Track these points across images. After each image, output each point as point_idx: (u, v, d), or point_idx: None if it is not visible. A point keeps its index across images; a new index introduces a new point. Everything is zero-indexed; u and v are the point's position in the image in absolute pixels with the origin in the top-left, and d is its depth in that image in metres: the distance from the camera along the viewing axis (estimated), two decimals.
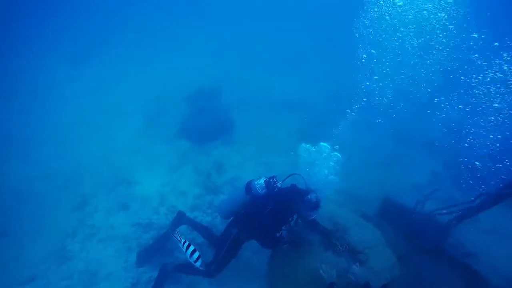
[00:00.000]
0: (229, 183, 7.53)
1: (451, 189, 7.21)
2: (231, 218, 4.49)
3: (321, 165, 4.35)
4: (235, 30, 17.50)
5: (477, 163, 6.31)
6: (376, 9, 6.88)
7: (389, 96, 7.45)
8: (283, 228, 4.11)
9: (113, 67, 12.59)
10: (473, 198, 4.24)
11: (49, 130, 8.71)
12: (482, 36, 7.24)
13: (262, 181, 4.08)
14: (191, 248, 3.30)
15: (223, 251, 4.27)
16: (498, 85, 5.90)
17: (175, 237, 3.38)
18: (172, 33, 15.74)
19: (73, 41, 14.81)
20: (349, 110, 6.44)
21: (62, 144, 8.30)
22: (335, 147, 4.49)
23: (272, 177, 4.12)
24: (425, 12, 6.90)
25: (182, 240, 3.32)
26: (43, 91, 11.16)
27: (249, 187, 4.13)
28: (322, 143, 4.41)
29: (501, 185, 3.86)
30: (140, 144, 8.66)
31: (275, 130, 10.14)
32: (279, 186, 4.05)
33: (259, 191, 4.03)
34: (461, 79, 7.14)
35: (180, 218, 5.28)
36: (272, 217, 3.88)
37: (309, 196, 3.82)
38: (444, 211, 4.70)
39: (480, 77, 6.28)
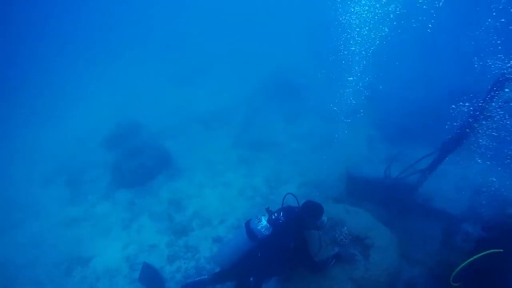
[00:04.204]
0: (196, 217, 7.05)
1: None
2: (232, 267, 4.05)
3: None
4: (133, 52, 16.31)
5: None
6: None
7: None
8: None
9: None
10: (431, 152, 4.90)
11: None
12: None
13: (265, 222, 3.82)
14: None
15: None
16: None
17: None
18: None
19: None
20: None
21: None
22: None
23: (271, 213, 3.91)
24: None
25: None
26: None
27: (252, 233, 3.81)
28: None
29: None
30: (76, 211, 7.35)
31: (212, 146, 9.89)
32: (283, 218, 3.82)
33: (266, 233, 3.78)
34: None
35: None
36: (299, 248, 3.74)
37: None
38: (411, 171, 5.30)
39: None
